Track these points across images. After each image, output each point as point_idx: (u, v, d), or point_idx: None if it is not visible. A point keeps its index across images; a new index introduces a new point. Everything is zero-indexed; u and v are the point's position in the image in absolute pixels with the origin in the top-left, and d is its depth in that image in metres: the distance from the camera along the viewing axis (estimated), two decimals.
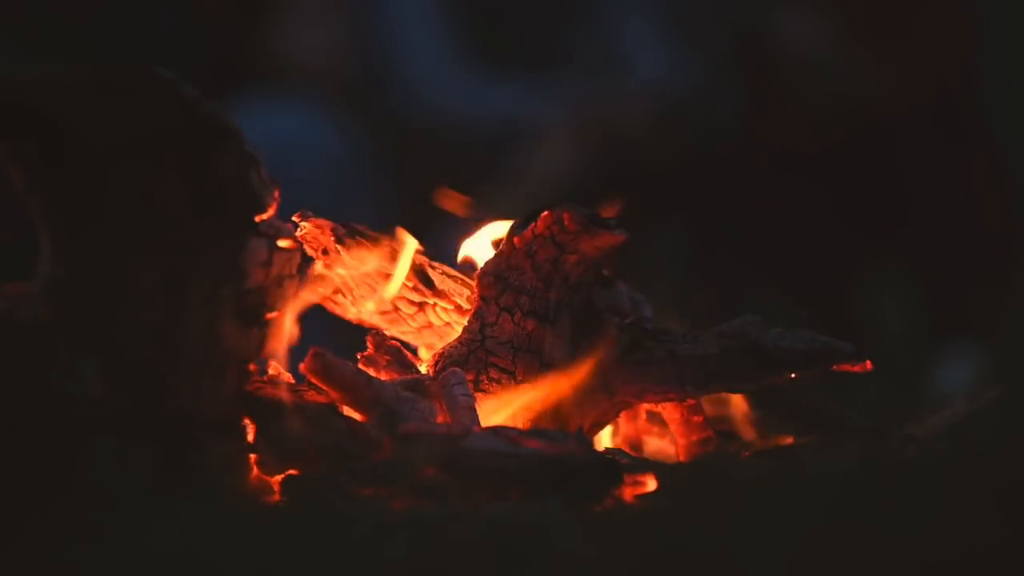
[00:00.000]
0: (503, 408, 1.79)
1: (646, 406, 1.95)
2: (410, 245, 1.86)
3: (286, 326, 1.71)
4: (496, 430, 1.70)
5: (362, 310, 1.90)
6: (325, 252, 1.88)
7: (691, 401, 1.88)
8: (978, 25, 4.53)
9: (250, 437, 1.68)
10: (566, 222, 1.76)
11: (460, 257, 1.94)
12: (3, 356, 1.60)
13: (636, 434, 1.97)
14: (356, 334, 1.91)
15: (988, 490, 1.50)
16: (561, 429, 1.79)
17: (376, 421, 1.71)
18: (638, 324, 1.84)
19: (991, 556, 1.40)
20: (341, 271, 1.90)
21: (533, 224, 1.78)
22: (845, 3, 4.51)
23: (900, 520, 1.46)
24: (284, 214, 1.73)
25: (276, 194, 1.68)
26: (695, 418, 1.89)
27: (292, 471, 1.68)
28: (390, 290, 1.86)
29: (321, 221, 1.87)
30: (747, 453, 1.93)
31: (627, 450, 1.93)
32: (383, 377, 1.81)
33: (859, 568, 1.40)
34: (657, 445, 2.01)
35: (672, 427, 1.91)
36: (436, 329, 1.91)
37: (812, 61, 4.44)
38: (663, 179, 4.33)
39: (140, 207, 1.61)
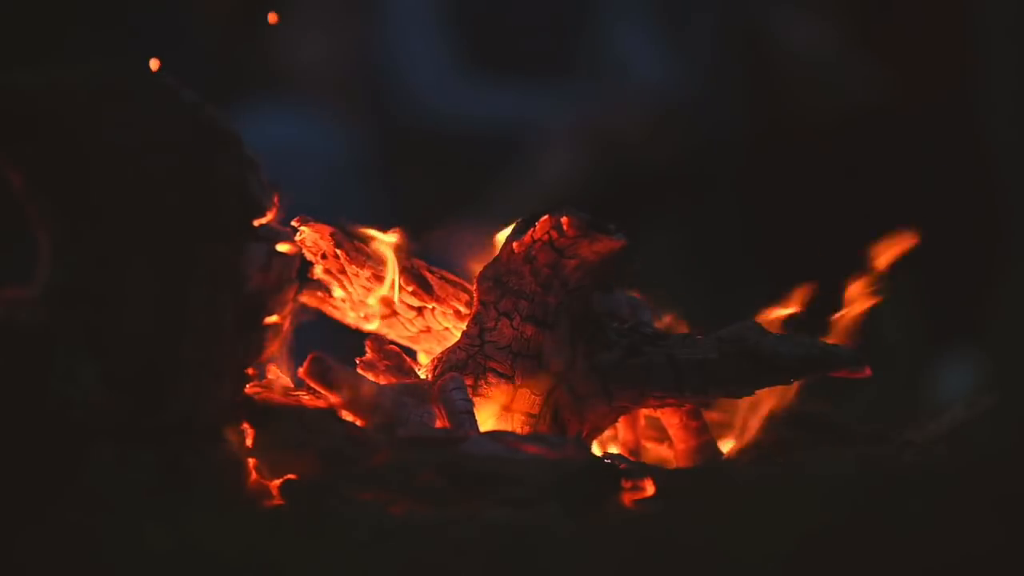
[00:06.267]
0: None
1: (645, 411, 1.95)
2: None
3: (285, 330, 1.71)
4: (495, 435, 1.70)
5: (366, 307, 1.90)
6: (324, 257, 1.88)
7: (689, 406, 1.89)
8: (977, 28, 4.54)
9: (249, 442, 1.68)
10: (565, 227, 1.76)
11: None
12: (2, 361, 1.60)
13: (635, 439, 1.97)
14: (355, 338, 1.91)
15: (986, 495, 1.50)
16: (559, 434, 1.79)
17: (375, 426, 1.71)
18: (637, 329, 1.84)
19: (989, 560, 1.40)
20: (339, 275, 1.90)
21: (532, 229, 1.78)
22: (844, 6, 4.52)
23: (898, 525, 1.46)
24: (283, 219, 1.73)
25: (275, 199, 1.68)
26: (693, 423, 1.89)
27: (291, 475, 1.68)
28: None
29: (320, 226, 1.87)
30: (746, 458, 1.93)
31: (626, 455, 1.93)
32: (382, 382, 1.82)
33: (858, 572, 1.40)
34: (655, 450, 2.01)
35: (671, 432, 1.91)
36: (435, 334, 1.91)
37: (811, 64, 4.44)
38: (663, 183, 4.34)
39: (139, 212, 1.61)
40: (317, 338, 1.82)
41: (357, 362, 1.84)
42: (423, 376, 1.84)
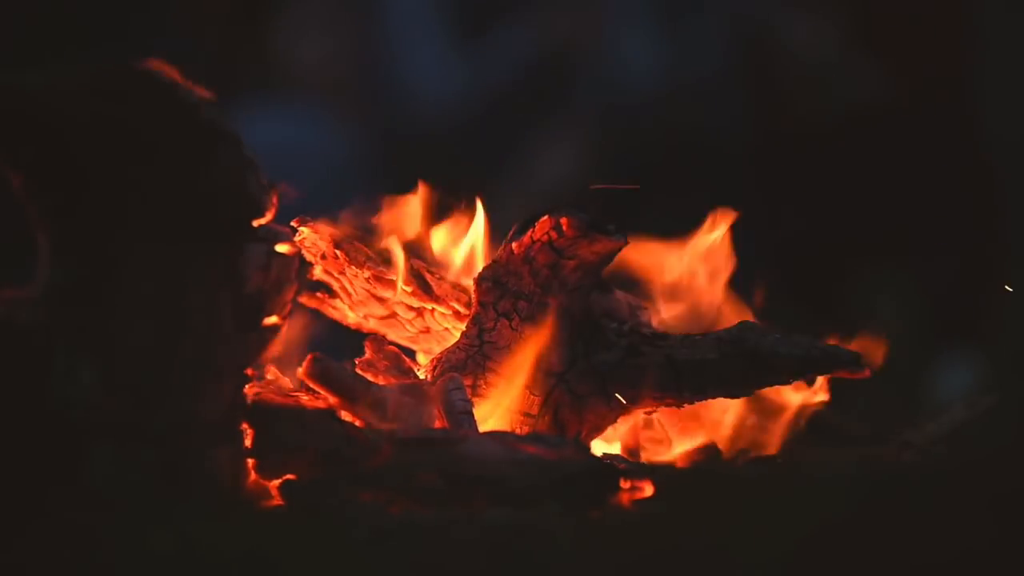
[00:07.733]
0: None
1: (644, 411, 1.95)
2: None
3: (284, 331, 1.71)
4: (494, 435, 1.70)
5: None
6: (323, 257, 1.88)
7: (689, 406, 1.88)
8: (977, 27, 4.54)
9: (248, 442, 1.68)
10: (564, 227, 1.76)
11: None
12: (2, 361, 1.60)
13: (635, 439, 1.97)
14: (355, 339, 1.91)
15: (985, 494, 1.50)
16: (559, 434, 1.79)
17: (374, 426, 1.71)
18: (636, 329, 1.84)
19: (987, 559, 1.40)
20: (339, 276, 1.90)
21: (531, 229, 1.78)
22: (844, 6, 4.52)
23: (898, 524, 1.46)
24: (283, 219, 1.73)
25: (274, 199, 1.68)
26: (693, 423, 1.89)
27: (290, 476, 1.68)
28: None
29: (320, 226, 1.87)
30: (745, 459, 1.93)
31: (624, 455, 1.93)
32: (381, 382, 1.81)
33: (857, 571, 1.40)
34: (655, 450, 2.01)
35: (670, 432, 1.91)
36: (434, 334, 1.91)
37: (811, 62, 4.44)
38: (662, 180, 4.33)
39: (139, 212, 1.61)
40: (317, 338, 1.82)
41: (357, 362, 1.84)
42: (423, 376, 1.84)
